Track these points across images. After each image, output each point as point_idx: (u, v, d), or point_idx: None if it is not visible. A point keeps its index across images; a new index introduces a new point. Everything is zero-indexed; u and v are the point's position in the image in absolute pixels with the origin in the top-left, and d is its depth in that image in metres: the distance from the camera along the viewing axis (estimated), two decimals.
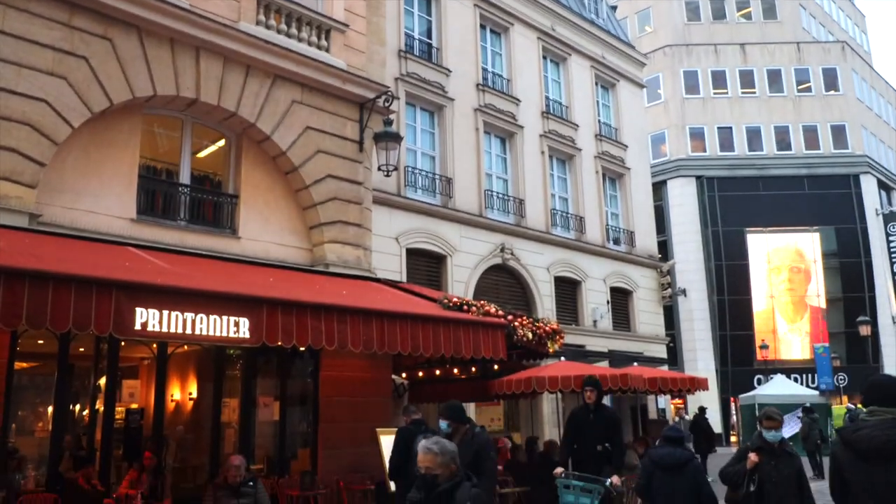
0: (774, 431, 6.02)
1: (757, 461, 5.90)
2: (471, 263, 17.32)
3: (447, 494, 3.88)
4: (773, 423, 6.05)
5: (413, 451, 7.84)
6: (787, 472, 5.89)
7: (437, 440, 4.06)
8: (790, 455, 6.03)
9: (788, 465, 5.95)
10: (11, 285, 6.04)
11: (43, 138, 8.91)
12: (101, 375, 9.97)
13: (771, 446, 5.99)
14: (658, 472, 6.34)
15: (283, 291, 8.49)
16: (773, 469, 5.88)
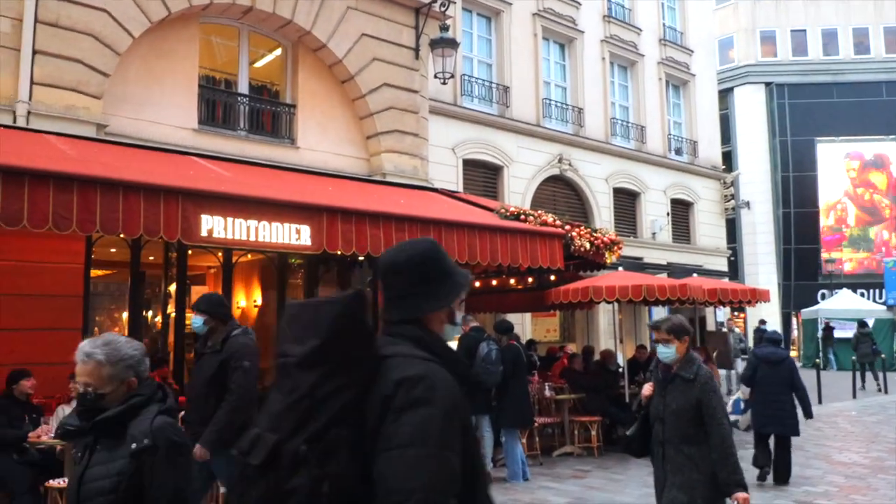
0: (662, 346, 4.27)
1: (650, 394, 4.38)
2: (528, 174, 17.13)
3: (115, 423, 2.52)
4: (660, 337, 4.29)
5: (476, 357, 8.03)
6: (678, 407, 4.15)
7: (108, 341, 2.65)
8: (688, 381, 4.17)
9: (681, 397, 4.17)
10: (85, 192, 6.24)
11: (106, 49, 9.01)
12: (171, 282, 10.39)
13: (665, 369, 4.29)
14: (762, 365, 8.36)
15: (342, 200, 8.57)
16: (660, 403, 4.25)
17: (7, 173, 5.91)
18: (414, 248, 2.05)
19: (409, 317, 1.93)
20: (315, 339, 1.76)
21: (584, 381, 10.49)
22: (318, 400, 1.71)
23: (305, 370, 1.75)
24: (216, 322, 5.27)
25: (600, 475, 8.68)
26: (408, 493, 1.61)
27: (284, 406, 1.75)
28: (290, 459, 1.67)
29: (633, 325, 19.10)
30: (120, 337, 2.71)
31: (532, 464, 9.08)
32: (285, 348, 1.81)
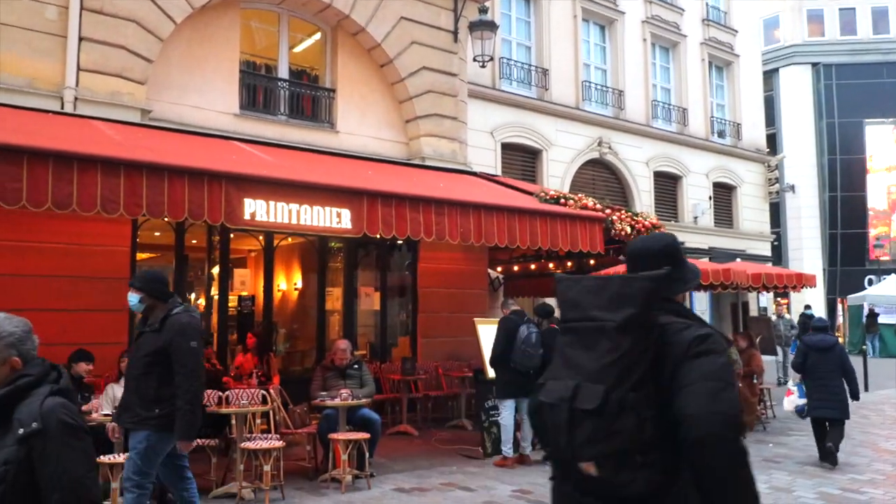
0: None
1: None
2: (567, 158, 16.97)
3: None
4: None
5: (515, 340, 8.02)
6: None
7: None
8: None
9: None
10: (131, 176, 6.36)
11: (149, 35, 9.13)
12: (214, 265, 10.56)
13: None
14: (812, 352, 8.40)
15: (382, 184, 8.60)
16: None
17: (57, 158, 6.04)
18: (664, 239, 2.53)
19: (668, 296, 2.34)
20: (630, 308, 2.15)
21: None
22: (634, 357, 2.12)
23: (623, 333, 2.13)
24: (154, 300, 4.95)
25: None
26: (715, 414, 2.02)
27: (607, 362, 2.12)
28: (616, 405, 2.06)
29: None
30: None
31: None
32: (594, 314, 2.20)
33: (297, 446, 8.14)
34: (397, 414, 10.24)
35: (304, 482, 7.29)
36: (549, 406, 2.19)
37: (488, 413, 8.67)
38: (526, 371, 8.04)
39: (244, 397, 7.08)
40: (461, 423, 10.48)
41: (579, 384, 2.12)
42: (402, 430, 9.84)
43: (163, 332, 4.78)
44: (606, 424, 2.06)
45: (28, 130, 6.94)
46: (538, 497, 6.77)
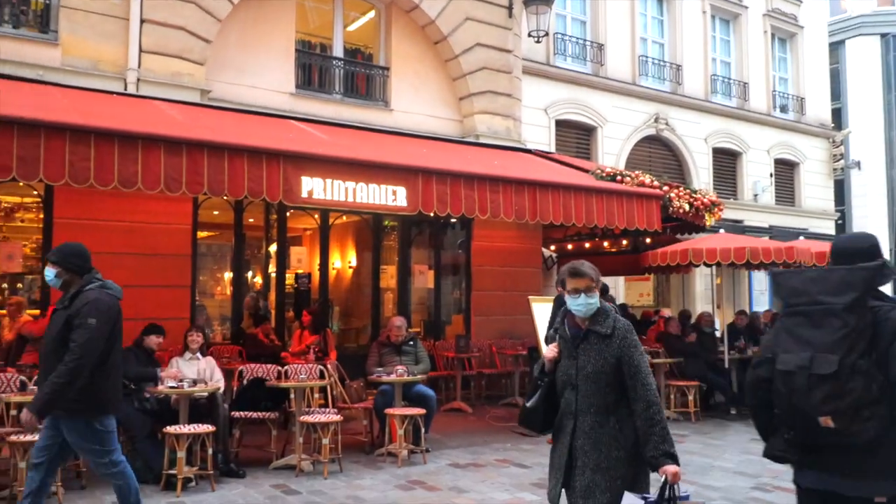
0: (584, 296, 3.36)
1: (555, 357, 3.45)
2: (622, 134, 16.65)
3: None
4: (579, 283, 3.38)
5: None
6: (594, 370, 3.31)
7: None
8: (605, 337, 3.34)
9: (597, 356, 3.32)
10: (192, 155, 6.50)
11: (207, 15, 9.27)
12: (271, 243, 10.75)
13: (576, 325, 3.45)
14: None
15: (437, 161, 8.60)
16: (571, 366, 3.37)
17: (122, 138, 6.21)
18: (869, 238, 3.17)
19: (875, 286, 2.89)
20: (854, 292, 2.77)
21: (681, 345, 10.26)
22: (858, 332, 2.74)
23: (850, 312, 2.75)
24: (71, 275, 4.57)
25: (698, 440, 8.51)
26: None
27: (839, 336, 2.74)
28: (848, 369, 2.70)
29: (731, 289, 18.47)
30: None
31: None
32: (821, 298, 2.81)
33: (353, 421, 8.27)
34: (451, 391, 10.31)
35: (360, 456, 7.41)
36: (785, 374, 2.83)
37: None
38: None
39: (303, 372, 7.21)
40: (515, 400, 10.50)
41: (813, 355, 2.75)
42: (456, 407, 9.90)
43: (70, 309, 4.41)
44: (841, 385, 2.69)
45: (94, 111, 7.14)
46: None
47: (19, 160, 5.76)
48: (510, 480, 6.55)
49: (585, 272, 3.38)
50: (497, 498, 6.00)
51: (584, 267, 3.42)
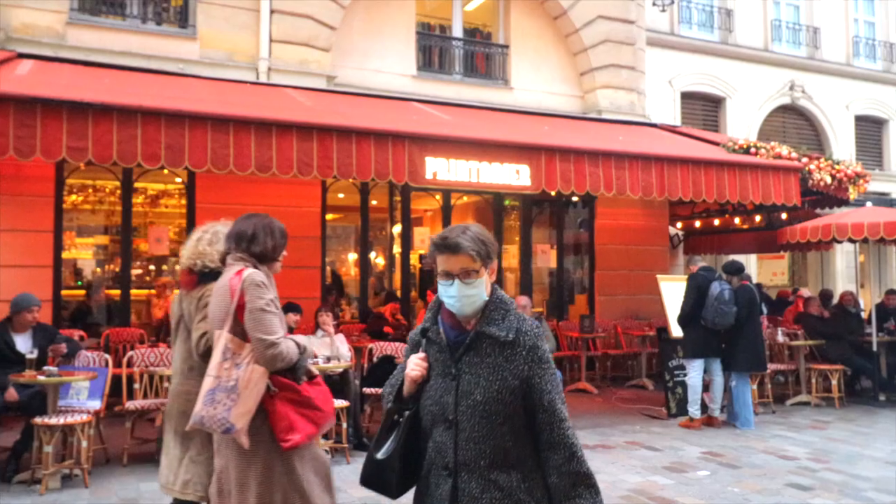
0: (460, 284, 2.05)
1: (421, 375, 2.13)
2: (753, 105, 15.77)
3: None
4: (451, 261, 2.06)
5: (707, 297, 7.65)
6: (486, 396, 2.03)
7: None
8: (503, 345, 2.06)
9: (495, 370, 2.04)
10: (323, 140, 6.70)
11: (332, 3, 9.52)
12: (395, 224, 10.96)
13: (457, 328, 2.13)
14: None
15: (560, 139, 8.46)
16: (446, 390, 2.07)
17: (258, 125, 6.47)
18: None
19: None
20: None
21: (823, 326, 9.64)
22: None
23: None
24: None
25: (843, 427, 8.01)
26: None
27: None
28: None
29: (876, 267, 17.21)
30: None
31: (763, 412, 8.59)
32: None
33: None
34: (576, 371, 10.20)
35: None
36: None
37: (673, 373, 8.40)
38: (717, 330, 7.67)
39: None
40: (642, 382, 10.26)
41: None
42: (581, 388, 9.79)
43: None
44: None
45: (230, 101, 7.49)
46: (729, 460, 6.50)
47: (167, 149, 6.13)
48: (641, 463, 6.41)
49: (462, 245, 2.04)
50: (629, 480, 5.88)
51: (459, 236, 2.06)
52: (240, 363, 2.91)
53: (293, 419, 2.96)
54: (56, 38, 8.44)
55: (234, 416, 2.86)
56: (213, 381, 2.91)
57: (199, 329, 3.32)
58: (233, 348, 2.94)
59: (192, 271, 3.47)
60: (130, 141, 5.97)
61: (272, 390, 2.96)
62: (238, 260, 3.09)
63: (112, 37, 8.75)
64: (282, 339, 2.97)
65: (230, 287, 3.00)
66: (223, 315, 2.99)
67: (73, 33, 8.56)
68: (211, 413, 2.88)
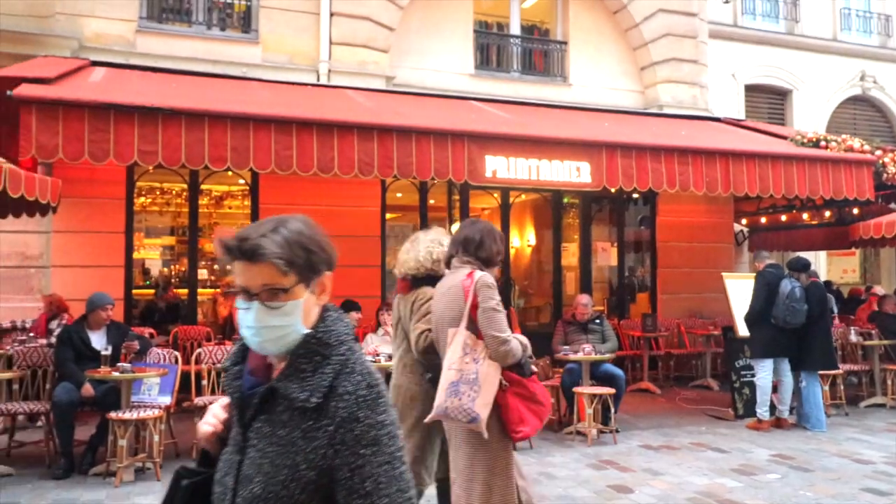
0: (260, 308, 1.41)
1: (215, 432, 1.52)
2: (821, 97, 15.25)
3: None
4: (249, 274, 1.43)
5: (778, 294, 7.42)
6: (267, 491, 1.35)
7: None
8: (306, 414, 1.37)
9: (287, 450, 1.35)
10: (383, 140, 6.75)
11: (390, 4, 9.59)
12: (453, 223, 10.96)
13: (258, 372, 1.51)
14: None
15: (620, 135, 8.34)
16: (231, 466, 1.43)
17: (320, 126, 6.56)
18: None
19: None
20: None
21: None
22: None
23: None
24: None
25: None
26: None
27: None
28: None
29: None
30: None
31: (836, 414, 8.31)
32: None
33: None
34: (638, 371, 10.04)
35: (549, 433, 7.40)
36: None
37: (739, 373, 8.18)
38: (788, 329, 7.43)
39: None
40: (706, 382, 10.03)
41: None
42: (644, 388, 9.63)
43: None
44: None
45: (292, 103, 7.62)
46: (801, 463, 6.30)
47: (232, 151, 6.26)
48: (708, 465, 6.26)
49: (264, 249, 1.42)
50: (695, 482, 5.76)
51: (262, 238, 1.44)
52: (477, 358, 3.15)
53: (522, 412, 3.19)
54: (126, 45, 8.74)
55: (477, 406, 3.08)
56: (456, 374, 3.13)
57: (418, 329, 3.59)
58: (470, 344, 3.17)
59: (405, 279, 3.80)
60: (198, 144, 6.12)
61: (504, 385, 3.17)
62: (465, 263, 3.34)
63: (179, 43, 9.00)
64: (511, 337, 3.20)
65: (463, 288, 3.26)
66: (457, 314, 3.24)
67: (142, 41, 8.85)
68: (456, 404, 3.09)
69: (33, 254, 8.14)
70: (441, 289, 3.44)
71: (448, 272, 3.45)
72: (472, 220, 3.54)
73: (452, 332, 3.23)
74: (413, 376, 3.56)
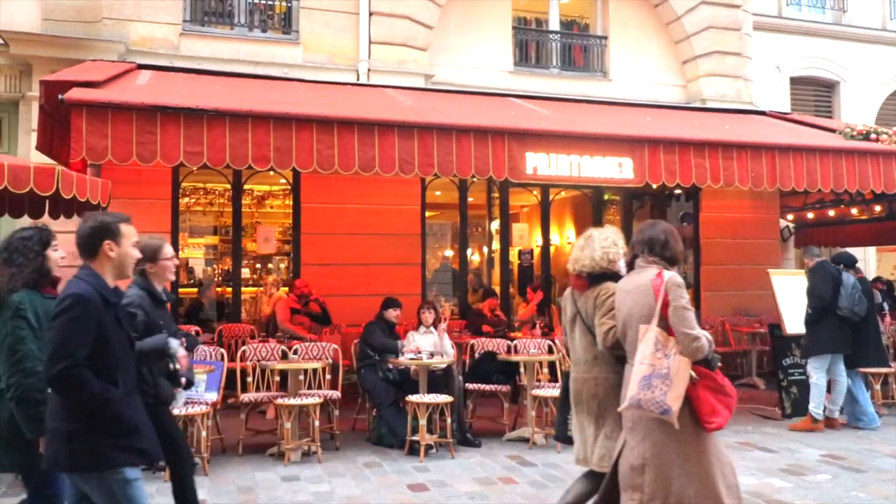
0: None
1: None
2: (870, 88, 14.83)
3: None
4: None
5: (843, 287, 7.24)
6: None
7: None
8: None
9: None
10: (423, 138, 6.76)
11: (429, 2, 9.62)
12: (493, 221, 10.95)
13: None
14: None
15: (663, 130, 8.23)
16: None
17: (361, 125, 6.60)
18: None
19: None
20: None
21: None
22: None
23: None
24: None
25: None
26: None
27: None
28: None
29: None
30: None
31: (888, 414, 8.09)
32: None
33: None
34: None
35: None
36: None
37: (787, 371, 8.02)
38: (849, 323, 7.23)
39: (531, 346, 7.29)
40: (752, 381, 9.85)
41: None
42: None
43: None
44: None
45: (333, 102, 7.67)
46: (852, 463, 6.15)
47: (275, 151, 6.33)
48: (756, 465, 6.15)
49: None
50: (744, 482, 5.59)
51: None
52: (668, 354, 3.34)
53: (714, 404, 3.39)
54: (171, 48, 8.90)
55: (669, 400, 3.28)
56: (648, 369, 3.33)
57: (606, 324, 3.72)
58: (662, 340, 3.36)
59: (580, 276, 3.92)
60: (242, 144, 6.21)
61: (694, 378, 3.36)
62: (651, 263, 3.56)
63: (221, 45, 9.14)
64: (701, 334, 3.38)
65: (653, 287, 3.45)
66: (647, 311, 3.44)
67: (186, 43, 9.00)
68: (648, 396, 3.30)
69: None
70: (626, 286, 3.63)
71: (632, 271, 3.66)
72: (652, 222, 3.75)
73: (644, 329, 3.42)
74: (607, 366, 3.78)
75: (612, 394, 3.79)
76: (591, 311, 3.85)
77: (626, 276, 3.71)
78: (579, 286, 3.95)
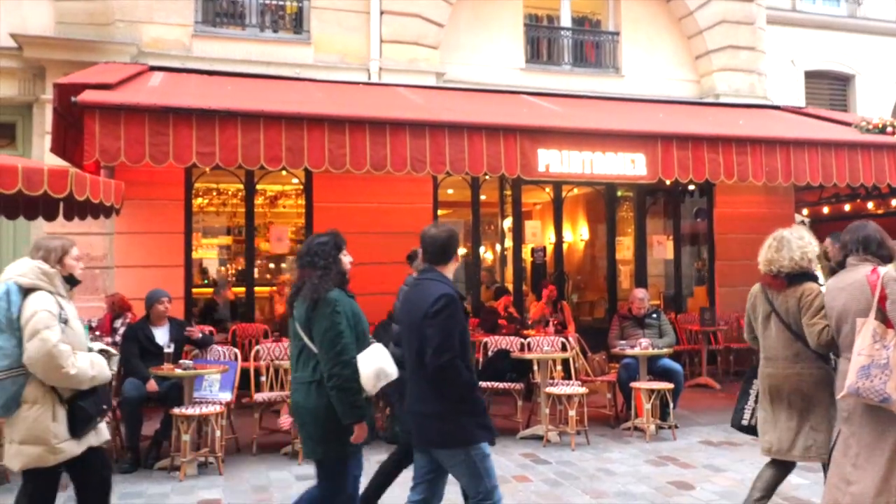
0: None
1: None
2: (886, 81, 14.69)
3: None
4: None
5: None
6: None
7: None
8: None
9: None
10: (435, 136, 6.75)
11: (440, 0, 9.57)
12: (505, 218, 10.92)
13: None
14: None
15: (676, 125, 8.18)
16: None
17: (372, 124, 6.60)
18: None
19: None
20: None
21: None
22: None
23: None
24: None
25: None
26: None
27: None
28: None
29: None
30: None
31: None
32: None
33: (595, 394, 8.18)
34: (696, 366, 9.85)
35: (606, 429, 7.33)
36: None
37: None
38: None
39: (545, 344, 7.27)
40: None
41: None
42: (703, 383, 9.44)
43: None
44: None
45: (345, 102, 7.68)
46: None
47: (287, 151, 6.35)
48: None
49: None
50: None
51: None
52: (887, 345, 3.45)
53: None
54: (183, 50, 8.94)
55: (889, 389, 3.38)
56: (867, 360, 3.45)
57: (819, 324, 3.89)
58: (880, 332, 3.48)
59: (777, 276, 4.11)
60: (254, 145, 6.22)
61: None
62: (863, 261, 3.71)
63: (233, 46, 9.17)
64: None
65: (869, 282, 3.59)
66: (864, 306, 3.57)
67: (197, 45, 9.03)
68: (867, 385, 3.41)
69: (98, 255, 8.39)
70: (840, 284, 3.77)
71: (843, 269, 3.81)
72: (862, 223, 3.92)
73: (861, 322, 3.53)
74: (810, 362, 3.97)
75: (818, 388, 3.98)
76: (795, 310, 4.02)
77: (836, 275, 3.89)
78: (777, 286, 4.11)
